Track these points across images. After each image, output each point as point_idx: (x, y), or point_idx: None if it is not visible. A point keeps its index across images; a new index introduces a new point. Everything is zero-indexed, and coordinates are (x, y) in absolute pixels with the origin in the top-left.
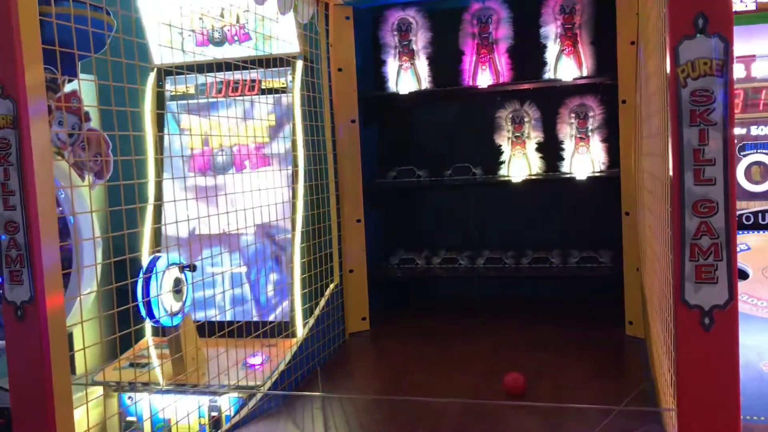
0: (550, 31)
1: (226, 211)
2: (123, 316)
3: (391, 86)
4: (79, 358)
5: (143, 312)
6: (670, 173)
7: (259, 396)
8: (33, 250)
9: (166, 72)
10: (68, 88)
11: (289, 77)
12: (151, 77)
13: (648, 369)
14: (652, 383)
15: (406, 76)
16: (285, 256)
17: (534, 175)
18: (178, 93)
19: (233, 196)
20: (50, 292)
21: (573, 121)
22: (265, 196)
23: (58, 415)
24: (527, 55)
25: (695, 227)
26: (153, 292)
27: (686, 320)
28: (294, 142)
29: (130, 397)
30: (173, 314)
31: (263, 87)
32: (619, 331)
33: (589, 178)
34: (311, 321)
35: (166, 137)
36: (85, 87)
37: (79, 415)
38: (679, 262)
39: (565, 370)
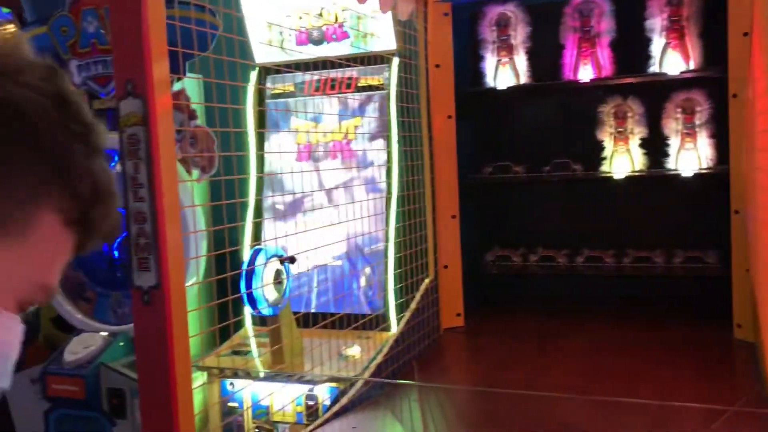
0: (656, 24)
1: (321, 206)
2: (224, 306)
3: (489, 82)
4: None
5: (246, 303)
6: None
7: (359, 384)
8: (159, 239)
9: (267, 70)
10: (176, 86)
11: (386, 74)
12: (253, 75)
13: (760, 373)
14: (764, 389)
15: (504, 71)
16: (380, 250)
17: (637, 171)
18: (278, 91)
19: (330, 190)
20: (174, 277)
21: (679, 116)
22: (359, 193)
23: (179, 394)
24: (631, 48)
25: None
26: (255, 283)
27: None
28: (389, 138)
29: (231, 384)
30: (274, 305)
31: (360, 84)
32: (727, 333)
33: (695, 175)
34: (407, 315)
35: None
36: (191, 85)
37: None
38: None
39: (669, 371)
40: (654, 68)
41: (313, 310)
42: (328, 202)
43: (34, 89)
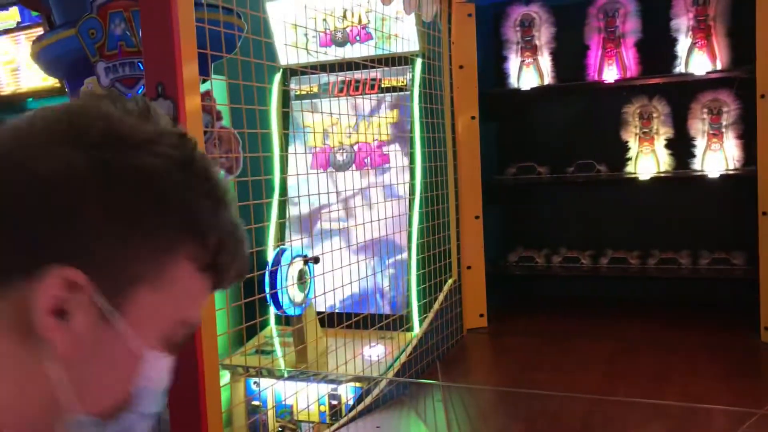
0: (682, 24)
1: (345, 207)
2: (249, 305)
3: (513, 82)
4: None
5: (270, 302)
6: None
7: (383, 383)
8: None
9: (291, 72)
10: (202, 88)
11: (409, 75)
12: (278, 77)
13: None
14: None
15: (528, 71)
16: (403, 251)
17: (662, 172)
18: (302, 92)
19: (353, 193)
20: None
21: (705, 116)
22: (383, 194)
23: (207, 391)
24: (656, 48)
25: None
26: (279, 283)
27: None
28: (412, 140)
29: (256, 383)
30: (297, 305)
31: (384, 85)
32: (754, 336)
33: (721, 176)
34: (430, 316)
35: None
36: (217, 86)
37: None
38: None
39: (695, 374)
40: (680, 68)
41: (336, 310)
42: (351, 203)
43: (164, 157)
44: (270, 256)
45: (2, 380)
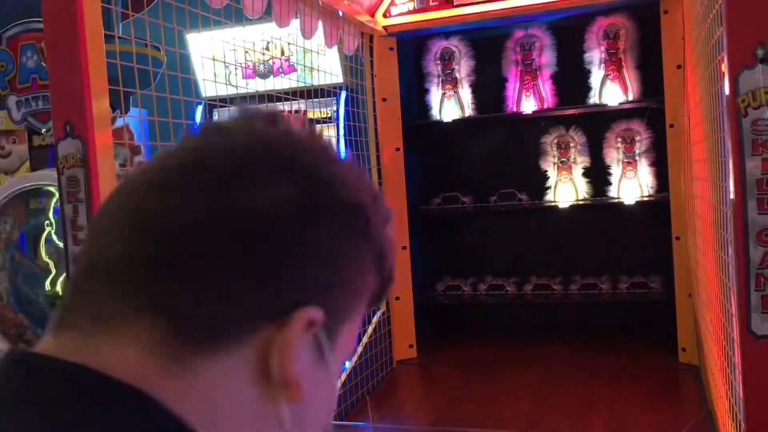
0: (594, 57)
1: None
2: None
3: (435, 114)
4: None
5: None
6: (731, 199)
7: None
8: None
9: (214, 105)
10: (120, 122)
11: (334, 107)
12: (200, 110)
13: (705, 397)
14: (709, 412)
15: (450, 104)
16: None
17: (581, 200)
18: None
19: None
20: None
21: (620, 145)
22: None
23: None
24: (571, 80)
25: (760, 257)
26: None
27: (754, 352)
28: None
29: None
30: None
31: (308, 118)
32: (672, 358)
33: (637, 202)
34: (359, 349)
35: None
36: (135, 122)
37: None
38: (745, 292)
39: (618, 398)
40: (594, 99)
41: None
42: None
43: (353, 181)
44: None
45: (244, 424)
